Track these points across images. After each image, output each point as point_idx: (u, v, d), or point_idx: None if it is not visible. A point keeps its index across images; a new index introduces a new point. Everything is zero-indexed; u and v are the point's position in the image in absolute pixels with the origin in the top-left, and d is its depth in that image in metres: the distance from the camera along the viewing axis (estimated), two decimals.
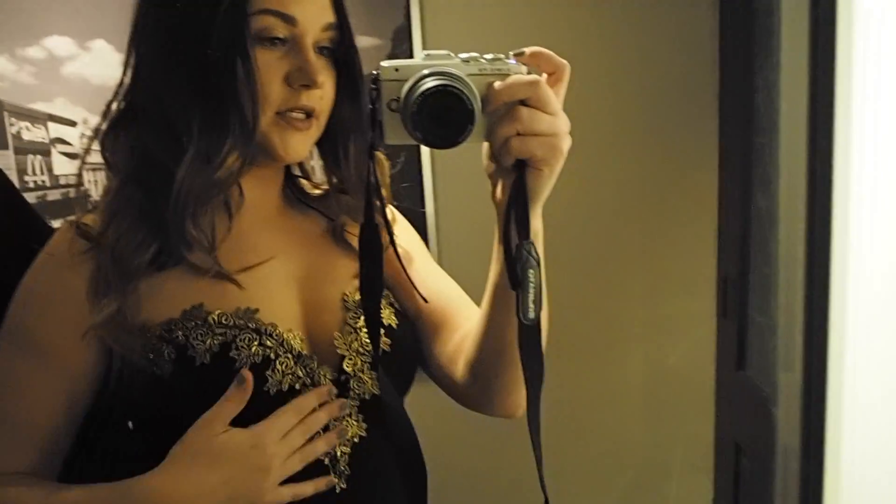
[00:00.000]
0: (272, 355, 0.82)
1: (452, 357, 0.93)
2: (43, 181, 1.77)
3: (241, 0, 0.77)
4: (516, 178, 0.72)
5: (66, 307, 0.82)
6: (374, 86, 0.71)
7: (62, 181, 1.80)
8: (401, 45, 1.79)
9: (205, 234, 0.82)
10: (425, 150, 1.85)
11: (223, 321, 0.81)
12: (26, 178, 1.76)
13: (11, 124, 1.74)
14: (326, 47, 0.83)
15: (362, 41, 0.86)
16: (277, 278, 0.88)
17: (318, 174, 0.98)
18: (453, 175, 1.87)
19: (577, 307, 1.93)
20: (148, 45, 0.82)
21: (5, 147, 1.74)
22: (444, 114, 0.68)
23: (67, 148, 1.79)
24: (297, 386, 0.83)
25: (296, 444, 0.81)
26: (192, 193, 0.80)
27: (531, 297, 0.73)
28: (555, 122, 0.69)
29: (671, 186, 1.95)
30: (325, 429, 0.84)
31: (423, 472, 0.88)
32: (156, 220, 0.81)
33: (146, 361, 0.80)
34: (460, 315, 0.94)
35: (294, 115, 0.82)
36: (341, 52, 0.85)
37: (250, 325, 0.82)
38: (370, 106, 0.72)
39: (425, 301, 0.93)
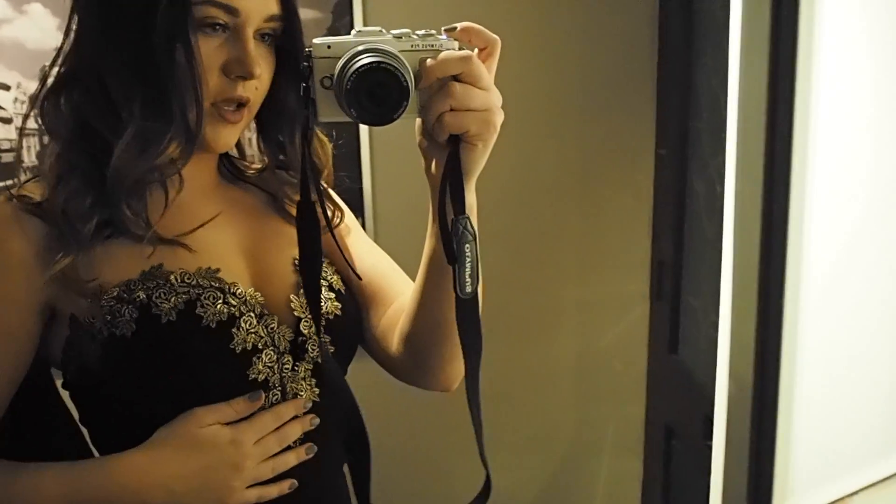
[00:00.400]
0: (237, 313, 0.82)
1: (385, 331, 0.94)
2: None
3: None
4: (450, 153, 0.72)
5: (5, 279, 0.80)
6: (306, 63, 0.71)
7: None
8: (341, 19, 1.78)
9: (140, 215, 0.81)
10: (363, 128, 1.84)
11: (186, 280, 0.82)
12: None
13: None
14: (269, 34, 0.82)
15: (302, 14, 0.85)
16: (225, 244, 0.88)
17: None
18: (390, 151, 1.87)
19: (511, 286, 1.93)
20: (89, 15, 0.80)
21: None
22: (379, 91, 0.68)
23: (0, 112, 1.76)
24: (260, 345, 0.84)
25: (270, 449, 0.84)
26: (128, 177, 0.79)
27: (468, 271, 0.74)
28: (487, 97, 0.70)
29: (607, 167, 1.96)
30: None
31: (366, 438, 0.90)
32: (100, 188, 0.80)
33: (102, 324, 0.79)
34: (393, 289, 0.95)
35: (226, 107, 0.81)
36: (286, 40, 0.83)
37: (213, 283, 0.83)
38: (303, 84, 0.72)
39: (359, 279, 0.94)
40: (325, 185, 0.95)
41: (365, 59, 0.68)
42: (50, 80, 0.82)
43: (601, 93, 1.91)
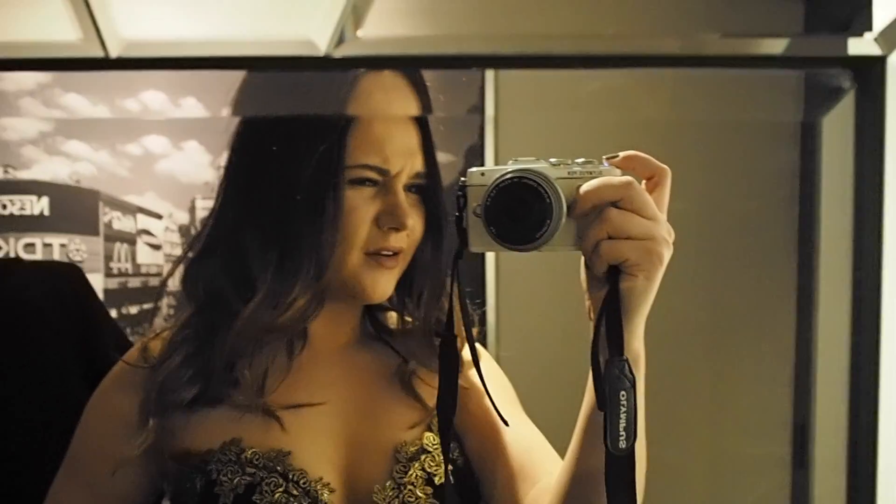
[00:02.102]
0: None
1: None
2: (126, 268, 1.87)
3: (339, 153, 0.78)
4: (609, 286, 0.66)
5: (111, 436, 0.83)
6: (460, 192, 0.70)
7: (143, 270, 1.89)
8: (473, 163, 1.83)
9: (256, 377, 0.82)
10: (489, 255, 1.83)
11: (255, 461, 0.79)
12: (111, 264, 1.86)
13: (105, 213, 1.85)
14: (414, 186, 0.84)
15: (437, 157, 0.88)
16: (324, 418, 0.85)
17: None
18: (516, 282, 1.84)
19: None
20: (237, 181, 0.85)
21: (96, 234, 1.85)
22: (518, 207, 0.65)
23: (152, 239, 1.89)
24: None
25: None
26: (248, 335, 0.80)
27: (622, 423, 0.65)
28: (650, 226, 0.64)
29: (744, 316, 1.86)
30: None
31: None
32: (209, 359, 0.82)
33: (178, 490, 0.80)
34: (541, 466, 0.86)
35: (384, 254, 0.82)
36: (428, 195, 0.85)
37: (279, 468, 0.79)
38: (456, 214, 0.70)
39: (506, 423, 0.85)
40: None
41: (508, 176, 0.66)
42: (194, 252, 0.86)
43: (744, 248, 1.84)
